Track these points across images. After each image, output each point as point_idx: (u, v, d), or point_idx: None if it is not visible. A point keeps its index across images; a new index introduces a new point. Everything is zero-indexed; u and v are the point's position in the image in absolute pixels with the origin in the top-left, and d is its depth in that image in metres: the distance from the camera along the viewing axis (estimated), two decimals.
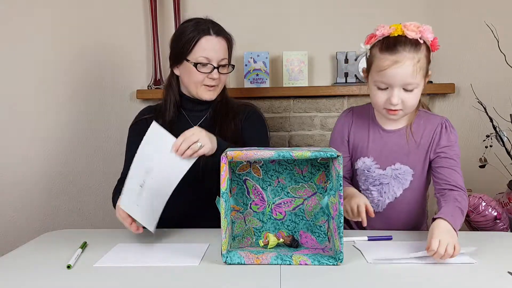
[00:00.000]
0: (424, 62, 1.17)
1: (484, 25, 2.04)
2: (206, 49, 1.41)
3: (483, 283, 0.90)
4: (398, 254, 1.04)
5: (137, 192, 1.17)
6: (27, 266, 1.03)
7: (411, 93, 1.18)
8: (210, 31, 1.42)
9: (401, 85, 1.16)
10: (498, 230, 1.79)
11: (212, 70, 1.42)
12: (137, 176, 1.18)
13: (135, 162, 1.19)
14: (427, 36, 1.16)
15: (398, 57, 1.14)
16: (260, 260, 0.99)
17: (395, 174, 1.29)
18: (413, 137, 1.27)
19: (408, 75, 1.14)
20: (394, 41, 1.15)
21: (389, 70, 1.15)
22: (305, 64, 2.20)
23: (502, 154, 1.99)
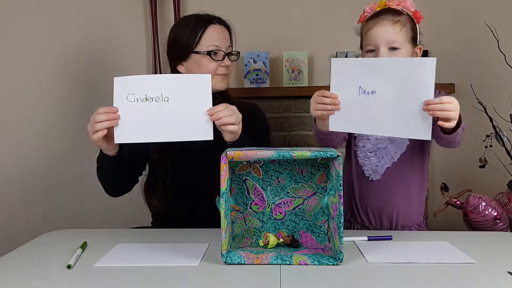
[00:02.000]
0: (407, 25, 1.27)
1: (484, 25, 2.04)
2: (214, 37, 1.40)
3: (483, 283, 0.90)
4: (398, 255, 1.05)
5: (138, 97, 1.14)
6: (27, 266, 1.02)
7: (396, 52, 1.26)
8: (213, 21, 1.43)
9: (385, 44, 1.26)
10: (498, 230, 1.79)
11: (224, 57, 1.41)
12: (148, 88, 1.14)
13: (153, 77, 1.19)
14: (407, 6, 1.29)
15: (378, 19, 1.28)
16: (260, 260, 0.99)
17: (391, 137, 1.31)
18: None
19: (388, 32, 1.25)
20: (378, 12, 1.30)
21: (371, 31, 1.28)
22: (305, 64, 2.20)
23: (502, 154, 1.99)
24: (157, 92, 1.15)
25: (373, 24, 1.29)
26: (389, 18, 1.27)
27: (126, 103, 1.14)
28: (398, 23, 1.26)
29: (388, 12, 1.28)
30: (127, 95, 1.15)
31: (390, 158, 1.32)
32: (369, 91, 1.08)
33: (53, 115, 2.29)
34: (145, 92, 1.15)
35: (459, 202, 1.86)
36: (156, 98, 1.15)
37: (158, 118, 1.15)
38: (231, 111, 1.18)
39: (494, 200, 1.86)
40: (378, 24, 1.27)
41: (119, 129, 1.16)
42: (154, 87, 1.15)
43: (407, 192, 1.35)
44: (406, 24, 1.28)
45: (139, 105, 1.15)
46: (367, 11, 1.33)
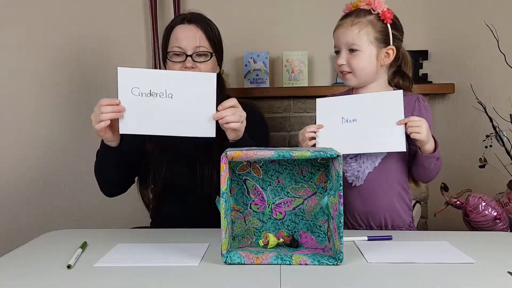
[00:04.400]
0: (368, 27, 1.29)
1: (484, 25, 2.04)
2: (177, 38, 1.39)
3: (483, 283, 0.90)
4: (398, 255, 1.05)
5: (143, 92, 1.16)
6: (27, 266, 1.02)
7: (354, 54, 1.30)
8: (183, 20, 1.41)
9: (345, 46, 1.31)
10: (498, 230, 1.79)
11: (185, 59, 1.38)
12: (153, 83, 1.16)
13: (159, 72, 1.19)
14: (376, 6, 1.29)
15: (342, 22, 1.33)
16: (260, 260, 0.99)
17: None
18: None
19: (345, 35, 1.30)
20: (348, 14, 1.33)
21: (335, 33, 1.34)
22: (305, 64, 2.20)
23: (502, 154, 1.99)
24: (162, 88, 1.16)
25: (337, 27, 1.34)
26: (349, 21, 1.30)
27: (130, 95, 1.16)
28: (356, 25, 1.28)
29: (354, 13, 1.31)
30: (131, 88, 1.16)
31: (371, 163, 1.33)
32: (351, 120, 1.26)
33: (52, 115, 2.29)
34: (149, 87, 1.16)
35: (459, 202, 1.86)
36: (161, 94, 1.16)
37: (162, 113, 1.17)
38: (235, 110, 1.20)
39: (494, 200, 1.86)
40: (340, 26, 1.32)
41: (123, 120, 1.18)
42: (159, 82, 1.16)
43: (392, 195, 1.35)
44: (368, 25, 1.28)
45: (143, 99, 1.16)
46: (344, 11, 1.35)
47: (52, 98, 2.29)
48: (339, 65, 1.32)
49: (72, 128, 2.31)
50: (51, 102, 2.29)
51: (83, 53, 2.28)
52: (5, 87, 2.27)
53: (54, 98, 2.29)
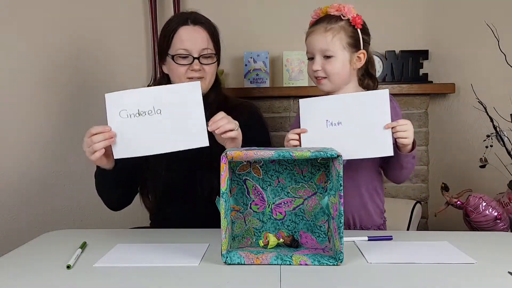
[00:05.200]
0: (341, 33, 1.31)
1: (484, 25, 2.04)
2: (183, 40, 1.36)
3: (483, 283, 0.90)
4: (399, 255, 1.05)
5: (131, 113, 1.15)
6: (27, 266, 1.02)
7: (329, 60, 1.31)
8: (187, 21, 1.38)
9: (319, 52, 1.32)
10: (499, 230, 1.79)
11: (193, 61, 1.36)
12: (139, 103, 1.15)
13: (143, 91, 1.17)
14: (346, 12, 1.32)
15: (314, 28, 1.34)
16: (260, 260, 0.99)
17: None
18: None
19: (320, 41, 1.31)
20: (319, 19, 1.35)
21: (308, 39, 1.36)
22: (305, 64, 2.19)
23: (502, 154, 1.99)
24: (149, 105, 1.16)
25: (309, 33, 1.35)
26: (322, 27, 1.31)
27: (119, 119, 1.15)
28: (330, 31, 1.30)
29: (325, 19, 1.32)
30: (119, 111, 1.15)
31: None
32: (336, 123, 1.22)
33: (53, 115, 2.29)
34: (137, 107, 1.15)
35: (459, 202, 1.86)
36: (149, 111, 1.16)
37: (153, 131, 1.16)
38: (227, 120, 1.20)
39: (494, 200, 1.85)
40: (313, 33, 1.33)
41: (117, 145, 1.17)
42: (145, 100, 1.15)
43: (360, 195, 1.36)
44: (341, 31, 1.30)
45: (132, 120, 1.15)
46: (313, 17, 1.37)
47: (52, 98, 2.28)
48: (315, 70, 1.33)
49: (72, 128, 2.30)
50: (51, 102, 2.29)
51: (83, 53, 2.28)
52: (5, 87, 2.27)
53: (54, 98, 2.28)
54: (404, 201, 2.06)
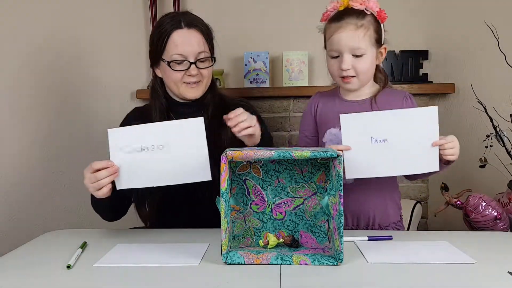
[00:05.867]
0: (370, 29, 1.24)
1: (484, 25, 2.04)
2: (178, 45, 1.31)
3: (483, 283, 0.90)
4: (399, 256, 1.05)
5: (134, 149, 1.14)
6: (27, 266, 1.02)
7: (360, 58, 1.25)
8: (181, 24, 1.31)
9: (349, 50, 1.24)
10: (498, 230, 1.79)
11: (189, 67, 1.32)
12: (141, 139, 1.14)
13: (146, 127, 1.15)
14: (371, 6, 1.25)
15: (341, 23, 1.25)
16: (260, 260, 0.99)
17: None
18: (378, 107, 1.30)
19: (352, 38, 1.23)
20: (341, 13, 1.26)
21: (334, 36, 1.26)
22: (305, 64, 2.20)
23: (502, 154, 1.99)
24: (152, 141, 1.14)
25: (336, 28, 1.25)
26: (352, 23, 1.23)
27: (122, 154, 1.14)
28: (362, 28, 1.23)
29: (351, 14, 1.24)
30: (122, 147, 1.14)
31: None
32: (381, 140, 1.16)
33: (53, 115, 2.29)
34: (139, 143, 1.14)
35: (459, 202, 1.86)
36: (151, 147, 1.14)
37: (156, 165, 1.15)
38: (246, 115, 1.18)
39: (494, 200, 1.86)
40: (342, 29, 1.24)
41: (119, 178, 1.16)
42: (148, 136, 1.14)
43: (381, 194, 1.35)
44: (370, 27, 1.25)
45: (135, 155, 1.14)
46: (329, 10, 1.29)
47: (51, 98, 2.28)
48: (344, 70, 1.26)
49: (72, 128, 2.31)
50: (51, 103, 2.29)
51: (83, 53, 2.28)
52: (4, 88, 2.27)
53: (53, 98, 2.29)
54: (404, 201, 2.04)
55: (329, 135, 1.35)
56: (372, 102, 1.32)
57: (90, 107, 2.30)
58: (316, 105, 1.42)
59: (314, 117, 1.42)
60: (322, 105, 1.41)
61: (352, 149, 1.16)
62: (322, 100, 1.42)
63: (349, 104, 1.35)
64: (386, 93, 1.35)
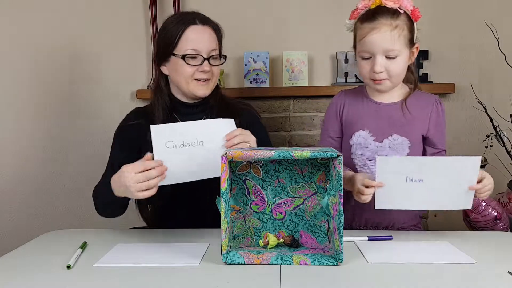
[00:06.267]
0: (405, 30, 1.20)
1: (484, 25, 2.04)
2: (193, 40, 1.31)
3: (483, 283, 0.90)
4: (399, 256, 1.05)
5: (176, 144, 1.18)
6: (27, 266, 1.02)
7: (394, 60, 1.20)
8: (195, 20, 1.33)
9: (382, 52, 1.19)
10: (498, 230, 1.79)
11: (203, 62, 1.32)
12: (184, 134, 1.18)
13: (186, 124, 1.19)
14: (405, 5, 1.20)
15: (375, 24, 1.18)
16: (260, 260, 0.99)
17: (392, 145, 1.28)
18: (408, 110, 1.28)
19: (386, 40, 1.18)
20: (373, 11, 1.20)
21: (367, 37, 1.19)
22: (305, 64, 2.20)
23: (502, 154, 1.99)
24: (193, 137, 1.19)
25: (369, 29, 1.19)
26: (387, 23, 1.18)
27: (165, 149, 1.17)
28: (397, 28, 1.18)
29: (384, 13, 1.18)
30: (166, 142, 1.17)
31: None
32: (416, 180, 1.13)
33: (52, 115, 2.29)
34: (182, 139, 1.18)
35: None
36: (192, 143, 1.18)
37: (196, 160, 1.19)
38: (243, 137, 1.19)
39: (494, 200, 1.86)
40: (375, 30, 1.18)
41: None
42: (188, 133, 1.19)
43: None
44: (405, 27, 1.20)
45: (178, 150, 1.18)
46: (360, 8, 1.24)
47: (51, 98, 2.28)
48: (377, 72, 1.20)
49: (71, 128, 2.31)
50: (51, 103, 2.29)
51: (83, 53, 2.28)
52: (5, 88, 2.27)
53: (53, 99, 2.29)
54: None
55: (357, 137, 1.31)
56: (403, 105, 1.28)
57: (90, 107, 2.30)
58: (342, 106, 1.36)
59: (340, 118, 1.36)
60: (349, 105, 1.35)
61: (385, 185, 1.13)
62: (348, 100, 1.36)
63: (379, 106, 1.31)
64: (416, 96, 1.31)
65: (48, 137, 2.30)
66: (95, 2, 2.26)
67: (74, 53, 2.27)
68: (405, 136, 1.28)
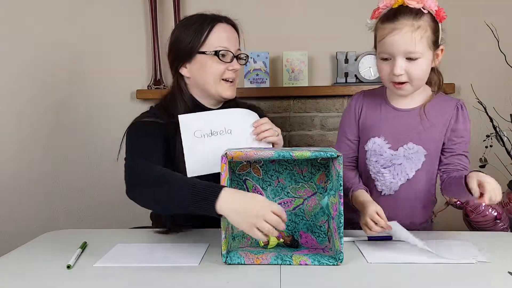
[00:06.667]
0: (428, 31, 1.14)
1: (484, 25, 2.04)
2: (223, 37, 1.27)
3: (483, 283, 0.90)
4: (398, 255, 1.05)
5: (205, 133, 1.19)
6: (27, 266, 1.02)
7: (415, 63, 1.15)
8: (221, 19, 1.30)
9: (402, 54, 1.14)
10: (498, 230, 1.79)
11: (232, 60, 1.28)
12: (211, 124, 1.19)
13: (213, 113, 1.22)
14: (429, 5, 1.15)
15: (396, 24, 1.13)
16: (260, 260, 0.99)
17: (407, 154, 1.24)
18: (426, 117, 1.23)
19: (407, 41, 1.12)
20: (395, 11, 1.14)
21: (387, 37, 1.14)
22: (305, 64, 2.20)
23: (502, 154, 1.99)
24: (221, 126, 1.21)
25: (390, 30, 1.13)
26: (409, 24, 1.12)
27: (194, 138, 1.19)
28: (419, 30, 1.12)
29: (406, 13, 1.13)
30: (194, 132, 1.19)
31: (405, 175, 1.24)
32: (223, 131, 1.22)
33: (52, 115, 2.29)
34: (210, 128, 1.20)
35: (459, 202, 1.86)
36: (221, 131, 1.20)
37: (224, 149, 1.15)
38: (269, 125, 1.22)
39: None
40: (396, 31, 1.12)
41: (190, 163, 1.18)
42: (216, 122, 1.21)
43: (418, 204, 1.29)
44: (428, 28, 1.14)
45: (206, 139, 1.19)
46: (381, 8, 1.18)
47: (51, 98, 2.28)
48: (397, 75, 1.15)
49: (72, 128, 2.30)
50: (51, 103, 2.29)
51: (83, 53, 2.28)
52: (5, 88, 2.27)
53: (54, 99, 2.29)
54: None
55: (372, 144, 1.26)
56: (421, 112, 1.23)
57: (90, 107, 2.30)
58: (360, 108, 1.31)
59: (357, 120, 1.31)
60: (367, 109, 1.30)
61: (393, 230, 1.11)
62: (366, 103, 1.31)
63: (397, 113, 1.26)
64: (438, 100, 1.26)
65: (49, 137, 2.30)
66: (95, 2, 2.26)
67: (74, 53, 2.27)
68: (421, 145, 1.23)
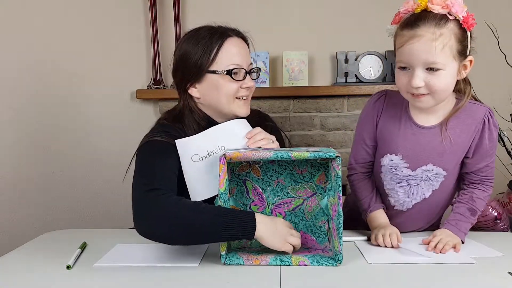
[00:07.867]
0: (452, 39, 1.04)
1: (484, 25, 2.04)
2: (234, 54, 1.18)
3: (483, 283, 0.90)
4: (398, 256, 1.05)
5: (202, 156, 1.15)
6: (27, 266, 1.03)
7: (436, 74, 1.03)
8: (230, 33, 1.20)
9: (422, 64, 1.03)
10: (498, 230, 1.79)
11: (245, 77, 1.20)
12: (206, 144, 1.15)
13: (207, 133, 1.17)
14: (456, 10, 1.04)
15: (416, 31, 1.02)
16: (259, 261, 0.99)
17: (426, 175, 1.16)
18: (449, 136, 1.12)
19: (427, 51, 1.01)
20: (416, 17, 1.04)
21: (405, 46, 1.03)
22: (305, 64, 2.20)
23: (502, 154, 1.99)
24: (214, 144, 1.16)
25: (409, 37, 1.03)
26: (430, 31, 1.01)
27: (192, 163, 1.16)
28: (440, 38, 1.01)
29: (429, 19, 1.02)
30: (191, 156, 1.16)
31: (421, 195, 1.19)
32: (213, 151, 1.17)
33: (52, 115, 2.29)
34: (206, 149, 1.16)
35: None
36: (215, 150, 1.16)
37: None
38: (263, 135, 1.17)
39: (494, 200, 1.85)
40: (415, 39, 1.02)
41: (193, 189, 1.16)
42: (210, 141, 1.16)
43: (431, 216, 1.27)
44: (452, 37, 1.04)
45: (203, 162, 1.15)
46: (402, 12, 1.07)
47: (51, 98, 2.29)
48: (415, 87, 1.05)
49: (72, 128, 2.31)
50: (51, 103, 2.29)
51: (83, 53, 2.28)
52: (5, 88, 2.27)
53: (54, 99, 2.29)
54: None
55: (388, 161, 1.18)
56: (442, 129, 1.12)
57: (90, 107, 2.30)
58: (379, 114, 1.20)
59: (376, 125, 1.21)
60: (386, 117, 1.19)
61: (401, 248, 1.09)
62: (387, 109, 1.20)
63: (417, 131, 1.15)
64: (463, 112, 1.15)
65: (49, 137, 2.30)
66: (96, 2, 2.26)
67: (74, 53, 2.27)
68: (441, 166, 1.15)
